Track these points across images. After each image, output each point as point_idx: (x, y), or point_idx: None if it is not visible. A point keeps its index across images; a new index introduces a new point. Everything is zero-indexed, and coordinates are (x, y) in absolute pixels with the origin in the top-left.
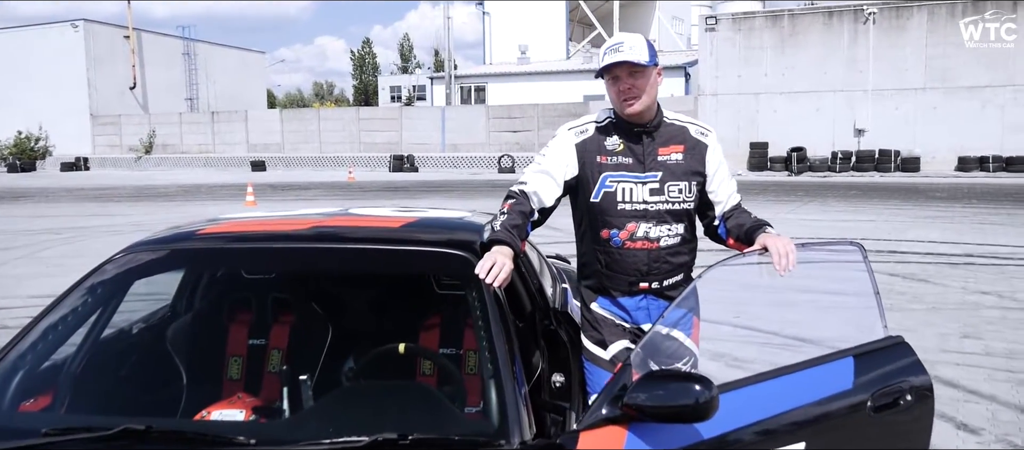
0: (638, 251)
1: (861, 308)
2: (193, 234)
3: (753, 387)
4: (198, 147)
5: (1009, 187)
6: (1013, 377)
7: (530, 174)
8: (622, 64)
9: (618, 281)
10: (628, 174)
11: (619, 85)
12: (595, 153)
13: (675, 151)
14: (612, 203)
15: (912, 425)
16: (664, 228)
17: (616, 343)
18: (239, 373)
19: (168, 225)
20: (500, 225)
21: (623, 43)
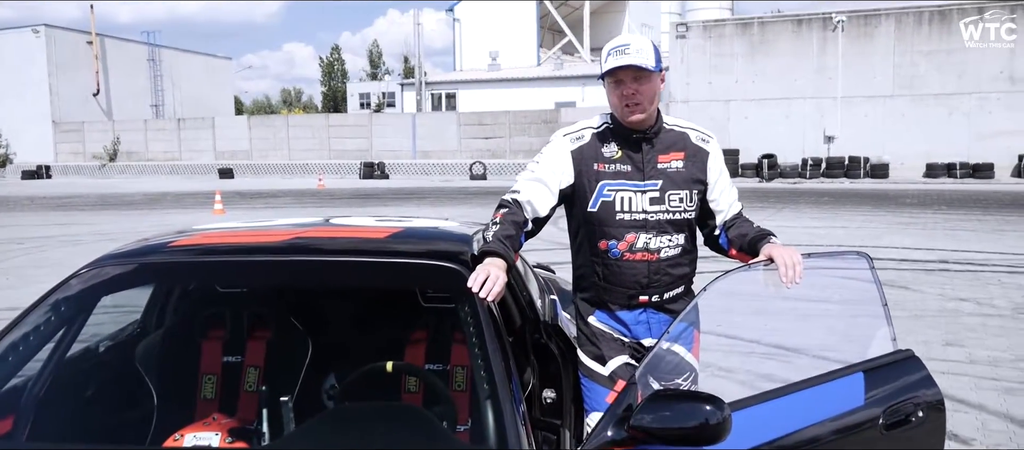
0: (637, 263)
1: (869, 321)
2: (164, 247)
3: (763, 406)
4: (164, 154)
5: (977, 193)
6: (999, 385)
7: (523, 182)
8: (627, 68)
9: (617, 294)
10: (627, 183)
11: (622, 90)
12: (592, 160)
13: (675, 158)
14: (610, 213)
15: (924, 441)
16: (664, 239)
17: (615, 358)
18: (214, 392)
19: (134, 235)
20: (492, 236)
21: (630, 45)
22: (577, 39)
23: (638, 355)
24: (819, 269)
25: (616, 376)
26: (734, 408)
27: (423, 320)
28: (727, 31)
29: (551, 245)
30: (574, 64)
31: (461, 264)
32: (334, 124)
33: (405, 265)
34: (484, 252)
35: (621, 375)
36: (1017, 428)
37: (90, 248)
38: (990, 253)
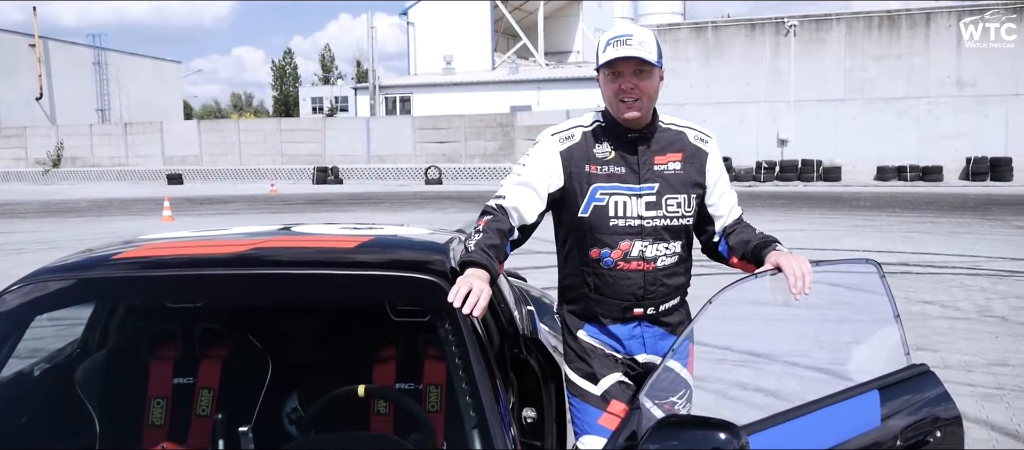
0: (632, 273)
1: (882, 334)
2: (107, 259)
3: (777, 429)
4: (110, 160)
5: (928, 196)
6: (975, 392)
7: (508, 187)
8: (628, 60)
9: (609, 306)
10: (621, 186)
11: (620, 83)
12: (583, 162)
13: (673, 160)
14: (603, 219)
15: None
16: (661, 246)
17: (608, 377)
18: (163, 418)
19: (79, 243)
20: (475, 245)
21: (632, 36)
22: (532, 43)
23: (632, 372)
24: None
25: (609, 396)
26: (747, 432)
27: (393, 336)
28: (681, 35)
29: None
30: (529, 68)
31: (439, 276)
32: (286, 128)
33: (378, 278)
34: (465, 263)
35: (615, 395)
36: (1000, 436)
37: (33, 257)
38: (949, 255)
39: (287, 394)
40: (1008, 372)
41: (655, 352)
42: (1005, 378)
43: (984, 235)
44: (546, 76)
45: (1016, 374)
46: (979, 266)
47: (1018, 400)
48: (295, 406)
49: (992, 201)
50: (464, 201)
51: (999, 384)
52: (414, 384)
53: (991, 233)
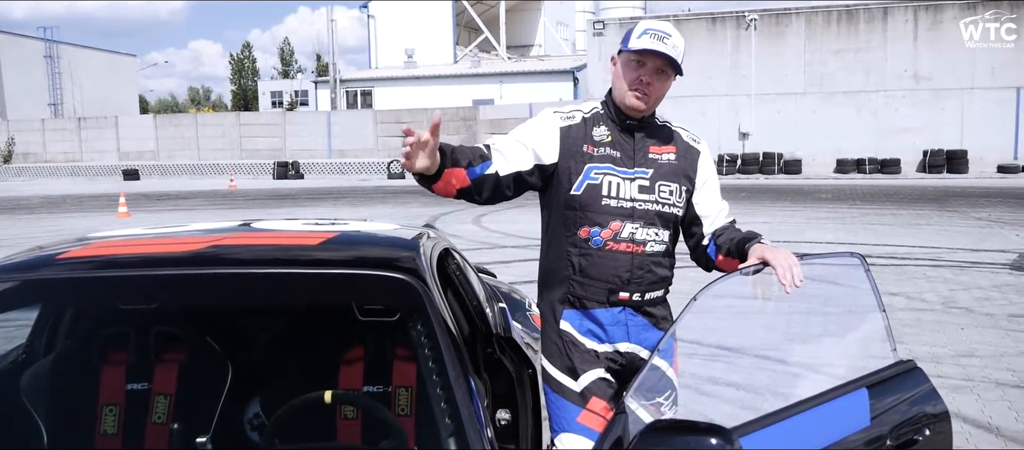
0: (620, 254)
1: (868, 329)
2: (54, 258)
3: (767, 430)
4: (64, 155)
5: (887, 188)
6: (945, 384)
7: (499, 139)
8: (658, 56)
9: (594, 289)
10: (616, 168)
11: (640, 74)
12: (581, 141)
13: (667, 151)
14: (596, 197)
15: None
16: (651, 231)
17: (589, 372)
18: (115, 427)
19: (29, 241)
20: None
21: (670, 37)
22: (493, 37)
23: (615, 366)
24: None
25: (589, 393)
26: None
27: (360, 337)
28: None
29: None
30: (492, 61)
31: (409, 274)
32: (246, 123)
33: (345, 277)
34: None
35: (595, 392)
36: (972, 428)
37: None
38: (911, 247)
39: (248, 400)
40: (976, 363)
41: (638, 342)
42: (973, 369)
43: (944, 226)
44: (508, 70)
45: (984, 365)
46: (941, 257)
47: (987, 392)
48: (257, 412)
49: (949, 193)
50: (427, 195)
51: (968, 376)
52: (383, 387)
53: (950, 224)
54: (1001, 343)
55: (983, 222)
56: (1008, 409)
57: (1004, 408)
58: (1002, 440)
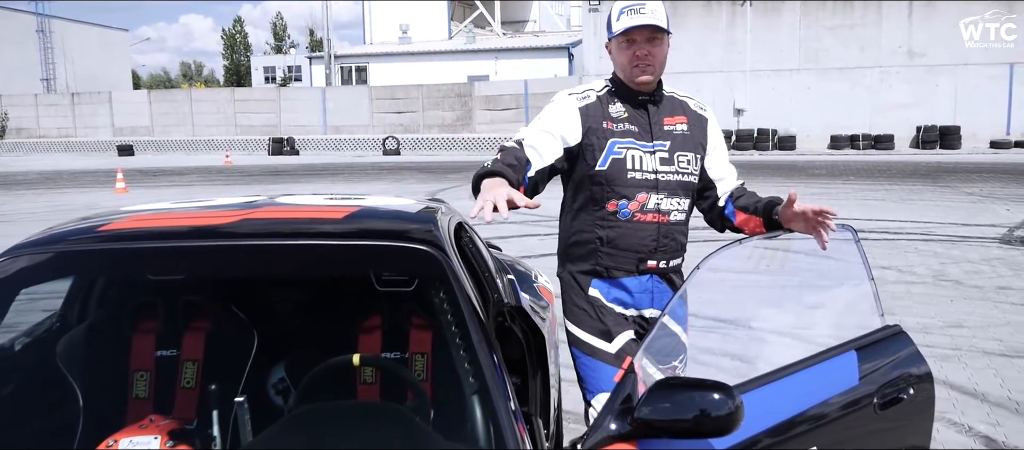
0: (648, 224)
1: (857, 296)
2: (92, 230)
3: (763, 389)
4: (58, 131)
5: (880, 164)
6: (933, 353)
7: (525, 131)
8: (643, 28)
9: (623, 259)
10: (637, 142)
11: (635, 50)
12: (601, 118)
13: (680, 122)
14: (621, 171)
15: (916, 418)
16: (674, 201)
17: (622, 334)
18: (147, 391)
19: (30, 216)
20: (490, 164)
21: (644, 4)
22: (488, 12)
23: (642, 330)
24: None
25: (624, 353)
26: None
27: (378, 306)
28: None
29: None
30: (486, 37)
31: (430, 245)
32: (240, 98)
33: (371, 248)
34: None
35: (629, 351)
36: (958, 395)
37: None
38: (903, 221)
39: (273, 365)
40: (964, 333)
41: (662, 307)
42: (961, 339)
43: (936, 202)
44: (503, 46)
45: (972, 335)
46: (932, 232)
47: (975, 360)
48: (281, 377)
49: (942, 169)
50: (423, 172)
51: (956, 345)
52: (400, 353)
53: (942, 199)
54: (989, 314)
55: (974, 197)
56: (994, 376)
57: (990, 375)
58: (987, 406)
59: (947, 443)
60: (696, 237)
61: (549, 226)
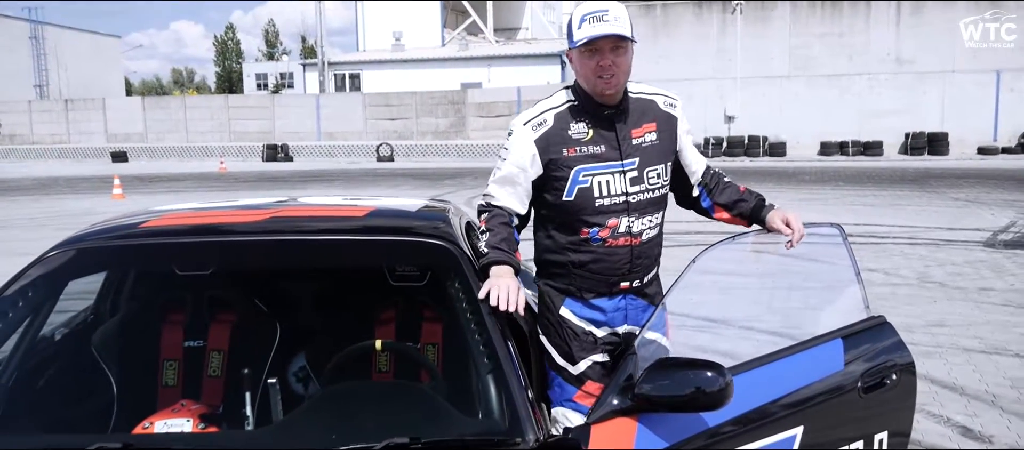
0: (620, 249)
1: (845, 290)
2: (134, 227)
3: (752, 372)
4: (51, 137)
5: (869, 170)
6: (916, 350)
7: (494, 187)
8: (608, 37)
9: (596, 282)
10: (603, 165)
11: (599, 60)
12: (561, 146)
13: (648, 131)
14: (589, 200)
15: (898, 403)
16: (645, 220)
17: (586, 359)
18: (175, 379)
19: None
20: (487, 245)
21: (607, 11)
22: (481, 20)
23: (611, 348)
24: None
25: (585, 377)
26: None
27: (392, 300)
28: (630, 13)
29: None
30: (479, 45)
31: (446, 240)
32: (234, 105)
33: (390, 243)
34: (487, 264)
35: (591, 376)
36: (938, 389)
37: None
38: (890, 226)
39: (294, 355)
40: (945, 332)
41: (635, 323)
42: (943, 337)
43: (923, 207)
44: (496, 53)
45: (953, 333)
46: (918, 236)
47: (954, 356)
48: (302, 365)
49: (930, 174)
50: (417, 178)
51: (937, 343)
52: (413, 344)
53: (929, 204)
54: (970, 314)
55: (961, 202)
56: (973, 371)
57: (969, 371)
58: (965, 398)
59: (926, 433)
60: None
61: None
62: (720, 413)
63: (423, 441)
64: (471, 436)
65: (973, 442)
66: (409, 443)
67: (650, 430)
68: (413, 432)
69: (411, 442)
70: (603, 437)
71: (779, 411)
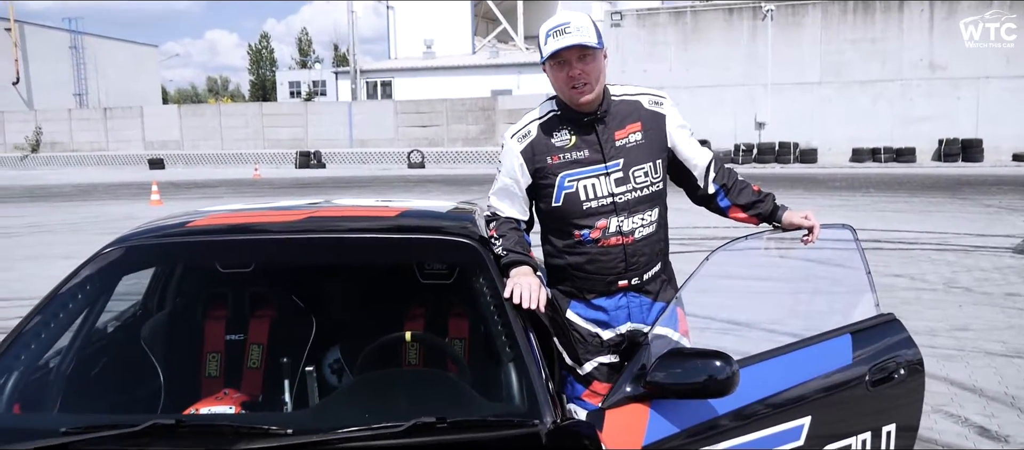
0: (613, 248)
1: (855, 287)
2: (183, 226)
3: (763, 364)
4: (90, 145)
5: (901, 177)
6: (937, 353)
7: (494, 200)
8: (572, 48)
9: (594, 282)
10: (587, 169)
11: (568, 71)
12: (544, 155)
13: (632, 131)
14: (576, 204)
15: (906, 398)
16: (636, 218)
17: (592, 361)
18: (218, 370)
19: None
20: (503, 248)
21: (569, 23)
22: (511, 27)
23: (617, 348)
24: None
25: (591, 378)
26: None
27: (421, 296)
28: (661, 20)
29: None
30: (510, 52)
31: (472, 238)
32: (268, 113)
33: (422, 241)
34: (506, 265)
35: (597, 377)
36: (958, 390)
37: (27, 240)
38: (919, 232)
39: (329, 348)
40: (969, 336)
41: (639, 321)
42: (966, 341)
43: (954, 213)
44: (526, 60)
45: (976, 337)
46: (947, 242)
47: (976, 359)
48: (337, 358)
49: (963, 181)
50: (448, 184)
51: (960, 346)
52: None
53: (961, 211)
54: (995, 319)
55: (992, 209)
56: (994, 374)
57: (990, 373)
58: (984, 400)
59: (944, 433)
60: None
61: None
62: (729, 401)
63: (448, 421)
64: (493, 417)
65: (990, 442)
66: (436, 422)
67: (661, 416)
68: (440, 414)
69: (437, 421)
70: (617, 421)
71: (787, 401)
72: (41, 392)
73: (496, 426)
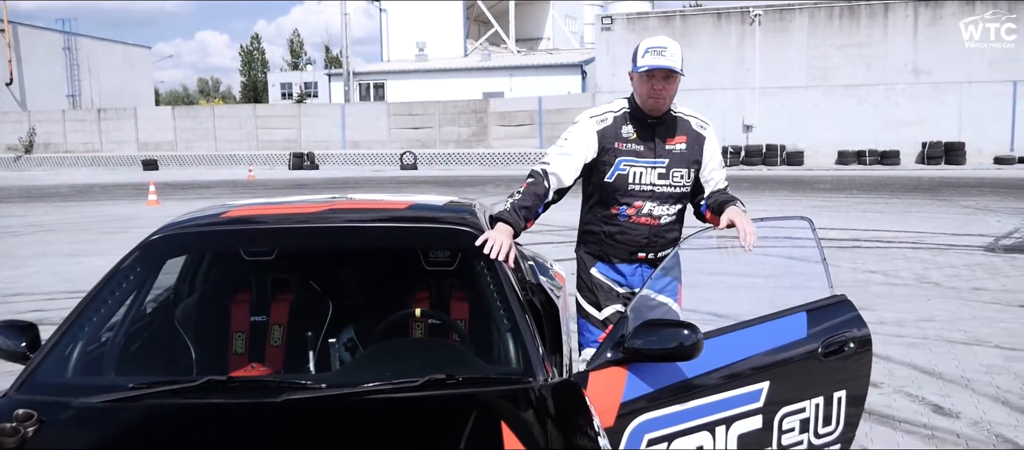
0: (641, 225)
1: (811, 271)
2: (217, 216)
3: (726, 336)
4: (84, 146)
5: (885, 179)
6: (903, 341)
7: (553, 156)
8: (663, 68)
9: (620, 250)
10: (640, 160)
11: (653, 84)
12: (613, 139)
13: (680, 142)
14: (624, 183)
15: (855, 370)
16: (665, 208)
17: (610, 307)
18: (243, 347)
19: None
20: (510, 204)
21: (667, 48)
22: (503, 30)
23: (627, 302)
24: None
25: (608, 321)
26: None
27: (426, 281)
28: (651, 24)
29: None
30: (501, 55)
31: (474, 227)
32: (261, 114)
33: (429, 229)
34: (494, 218)
35: (612, 320)
36: (918, 374)
37: (29, 239)
38: (897, 231)
39: (343, 328)
40: (934, 326)
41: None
42: (930, 330)
43: (933, 214)
44: (518, 63)
45: (940, 327)
46: (923, 240)
47: (939, 346)
48: (351, 337)
49: (945, 183)
50: (440, 185)
51: (925, 335)
52: None
53: (939, 212)
54: (960, 311)
55: (970, 210)
56: (953, 359)
57: (949, 359)
58: (941, 382)
59: (901, 410)
60: None
61: (560, 235)
62: (696, 366)
63: (457, 377)
64: (494, 375)
65: (942, 418)
66: (446, 378)
67: (638, 377)
68: (450, 371)
69: (447, 378)
70: (599, 381)
71: (748, 368)
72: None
73: (496, 382)
